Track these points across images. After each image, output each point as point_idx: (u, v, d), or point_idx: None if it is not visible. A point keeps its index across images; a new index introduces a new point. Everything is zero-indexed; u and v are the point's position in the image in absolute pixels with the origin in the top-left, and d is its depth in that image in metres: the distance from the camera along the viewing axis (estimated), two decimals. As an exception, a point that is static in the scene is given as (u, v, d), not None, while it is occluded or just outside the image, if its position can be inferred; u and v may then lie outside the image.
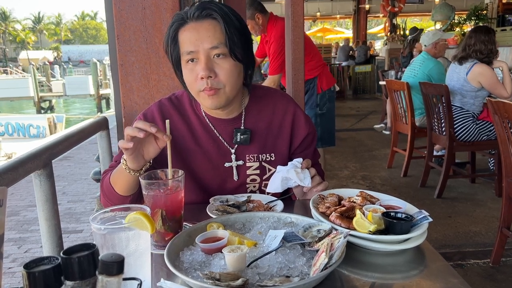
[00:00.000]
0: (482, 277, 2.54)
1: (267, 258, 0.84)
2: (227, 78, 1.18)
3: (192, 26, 1.16)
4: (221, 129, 1.33)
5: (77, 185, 5.37)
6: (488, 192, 3.95)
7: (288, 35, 2.15)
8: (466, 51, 3.68)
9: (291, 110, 1.38)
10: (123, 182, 1.16)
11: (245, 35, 1.21)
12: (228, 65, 1.18)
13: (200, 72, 1.16)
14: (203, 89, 1.18)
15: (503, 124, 2.45)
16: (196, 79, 1.18)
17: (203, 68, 1.15)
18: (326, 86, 3.43)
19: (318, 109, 3.40)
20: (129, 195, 1.19)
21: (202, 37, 1.15)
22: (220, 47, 1.16)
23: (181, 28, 1.18)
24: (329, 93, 3.45)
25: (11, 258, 3.43)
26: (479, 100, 3.69)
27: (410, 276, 0.88)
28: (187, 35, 1.17)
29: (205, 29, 1.15)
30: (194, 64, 1.18)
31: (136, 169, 1.11)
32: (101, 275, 0.52)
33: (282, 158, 1.36)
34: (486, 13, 10.73)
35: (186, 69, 1.20)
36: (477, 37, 3.61)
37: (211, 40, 1.15)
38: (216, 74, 1.17)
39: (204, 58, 1.16)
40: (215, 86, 1.18)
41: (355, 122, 7.86)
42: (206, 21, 1.16)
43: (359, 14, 16.49)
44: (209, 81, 1.17)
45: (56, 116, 12.95)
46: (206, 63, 1.16)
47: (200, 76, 1.17)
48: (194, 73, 1.18)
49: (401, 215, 0.96)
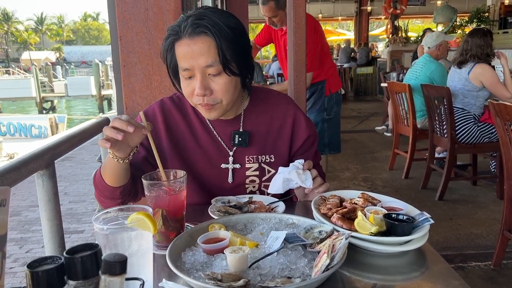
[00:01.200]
0: (483, 279, 2.53)
1: (269, 259, 0.85)
2: (223, 93, 1.19)
3: (186, 43, 1.15)
4: (220, 130, 1.34)
5: (79, 186, 5.37)
6: (489, 194, 3.94)
7: (290, 37, 2.16)
8: (464, 56, 3.70)
9: (291, 112, 1.38)
10: (112, 172, 1.16)
11: (240, 46, 1.19)
12: (223, 82, 1.18)
13: (196, 90, 1.17)
14: (199, 103, 1.20)
15: (504, 126, 2.45)
16: (193, 93, 1.19)
17: (198, 87, 1.16)
18: (334, 88, 3.32)
19: (325, 114, 3.28)
20: (119, 186, 1.19)
21: (196, 55, 1.14)
22: (215, 65, 1.15)
23: (176, 42, 1.18)
24: (336, 96, 3.34)
25: (13, 258, 3.44)
26: (480, 100, 3.69)
27: (411, 278, 0.88)
28: (182, 50, 1.16)
29: (199, 47, 1.13)
30: (191, 80, 1.19)
31: (124, 156, 1.11)
32: (104, 275, 0.52)
33: (282, 160, 1.37)
34: (488, 15, 10.73)
35: (184, 83, 1.21)
36: (473, 42, 3.64)
37: (205, 58, 1.14)
38: (212, 91, 1.18)
39: (200, 76, 1.16)
40: (211, 102, 1.19)
41: (356, 124, 7.85)
42: (199, 38, 1.13)
43: (361, 16, 16.48)
44: (205, 98, 1.18)
45: (58, 116, 12.99)
46: (201, 81, 1.16)
47: (195, 93, 1.18)
48: (191, 87, 1.19)
49: (403, 217, 0.96)
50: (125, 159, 1.12)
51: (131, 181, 1.22)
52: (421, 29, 9.99)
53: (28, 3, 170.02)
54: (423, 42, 4.62)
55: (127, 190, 1.21)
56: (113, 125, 1.04)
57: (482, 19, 10.66)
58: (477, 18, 10.71)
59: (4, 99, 21.21)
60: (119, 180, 1.18)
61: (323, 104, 3.28)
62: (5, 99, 21.34)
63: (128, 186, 1.21)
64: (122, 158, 1.11)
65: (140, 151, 1.28)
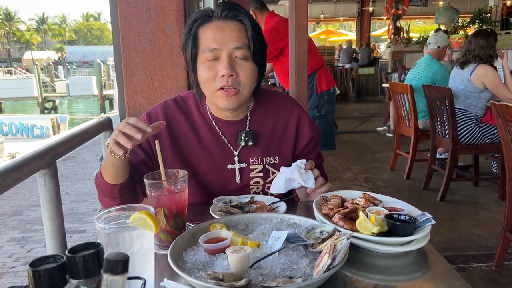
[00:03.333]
0: (485, 280, 2.53)
1: (270, 259, 0.85)
2: (247, 79, 1.21)
3: (218, 25, 1.19)
4: (226, 131, 1.33)
5: (80, 185, 5.38)
6: (491, 195, 3.94)
7: (291, 37, 2.16)
8: (466, 56, 3.70)
9: (296, 113, 1.38)
10: (110, 169, 1.15)
11: (263, 42, 1.25)
12: (249, 67, 1.21)
13: (222, 70, 1.17)
14: (221, 87, 1.19)
15: (506, 127, 2.45)
16: (214, 76, 1.19)
17: (226, 66, 1.17)
18: (326, 87, 3.38)
19: (316, 111, 3.35)
20: (117, 184, 1.18)
21: (228, 36, 1.17)
22: (244, 49, 1.19)
23: (205, 25, 1.20)
24: (328, 94, 3.40)
25: (14, 258, 3.44)
26: (482, 102, 3.68)
27: (412, 278, 0.88)
28: (211, 33, 1.19)
29: (231, 29, 1.18)
30: (215, 62, 1.19)
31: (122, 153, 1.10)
32: (106, 273, 0.52)
33: (286, 161, 1.36)
34: (490, 16, 10.72)
35: (205, 66, 1.21)
36: (476, 42, 3.64)
37: (236, 40, 1.18)
38: (237, 74, 1.19)
39: (227, 57, 1.18)
40: (235, 85, 1.19)
41: (358, 125, 7.85)
42: (232, 22, 1.19)
43: (363, 17, 16.47)
44: (230, 79, 1.18)
45: (60, 116, 13.01)
46: (229, 61, 1.18)
47: (221, 74, 1.18)
48: (213, 70, 1.19)
49: (404, 217, 0.96)
50: (124, 154, 1.10)
51: (129, 180, 1.21)
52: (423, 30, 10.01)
53: (30, 3, 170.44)
54: (430, 39, 4.56)
55: (125, 188, 1.20)
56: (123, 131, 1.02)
57: (484, 20, 10.64)
58: (479, 19, 10.69)
59: (6, 98, 21.25)
60: (117, 177, 1.17)
61: (314, 101, 3.36)
62: (7, 99, 21.39)
63: (126, 185, 1.20)
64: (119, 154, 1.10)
65: (140, 154, 1.28)
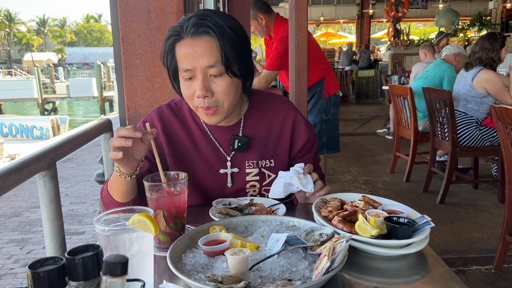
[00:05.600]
0: (484, 283, 2.53)
1: (269, 261, 0.85)
2: (224, 96, 1.18)
3: (188, 43, 1.14)
4: (219, 136, 1.33)
5: (80, 187, 5.38)
6: (491, 198, 3.94)
7: (292, 40, 2.16)
8: (471, 58, 3.69)
9: (291, 115, 1.37)
10: (120, 188, 1.14)
11: (242, 48, 1.18)
12: (225, 83, 1.16)
13: (197, 91, 1.15)
14: (201, 106, 1.19)
15: (506, 130, 2.45)
16: (193, 95, 1.18)
17: (200, 88, 1.14)
18: (333, 90, 3.39)
19: (324, 115, 3.35)
20: (128, 202, 1.17)
21: (198, 55, 1.13)
22: (217, 66, 1.14)
23: (178, 43, 1.17)
24: (334, 98, 3.41)
25: (13, 259, 3.44)
26: (484, 106, 3.67)
27: (412, 281, 0.88)
28: (183, 51, 1.15)
29: (201, 47, 1.13)
30: (192, 81, 1.17)
31: (130, 172, 1.10)
32: (105, 275, 0.52)
33: (282, 164, 1.36)
34: (490, 19, 10.74)
35: (184, 85, 1.20)
36: (481, 44, 3.63)
37: (208, 58, 1.13)
38: (213, 93, 1.17)
39: (201, 76, 1.15)
40: (212, 105, 1.17)
41: (358, 127, 7.85)
42: (202, 38, 1.13)
43: (363, 19, 16.51)
44: (206, 100, 1.16)
45: (60, 117, 13.01)
46: (203, 82, 1.15)
47: (196, 95, 1.17)
48: (191, 89, 1.18)
49: (404, 220, 0.96)
50: (131, 174, 1.10)
51: (139, 194, 1.20)
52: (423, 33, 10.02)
53: (31, 4, 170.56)
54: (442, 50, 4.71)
55: (136, 203, 1.19)
56: (119, 135, 1.01)
57: (484, 22, 10.67)
58: (479, 22, 10.71)
59: (6, 100, 21.26)
60: (127, 196, 1.16)
61: (322, 105, 3.36)
62: (7, 100, 21.40)
63: (137, 200, 1.19)
64: (128, 174, 1.09)
65: (144, 164, 1.28)
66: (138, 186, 1.19)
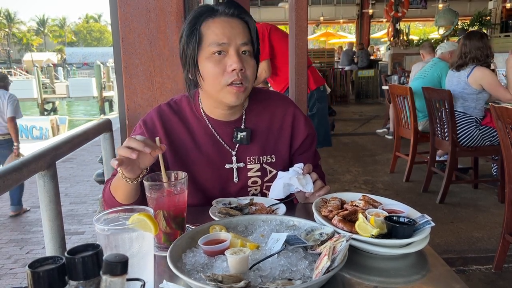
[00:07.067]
0: (484, 283, 2.53)
1: (270, 261, 0.85)
2: (252, 74, 1.24)
3: (225, 20, 1.20)
4: (222, 131, 1.33)
5: (80, 187, 5.38)
6: (491, 198, 3.94)
7: (292, 40, 2.16)
8: (463, 59, 3.71)
9: (290, 111, 1.38)
10: (122, 191, 1.15)
11: (257, 39, 1.28)
12: (252, 63, 1.24)
13: (233, 64, 1.18)
14: (231, 82, 1.19)
15: (506, 129, 2.45)
16: (223, 71, 1.19)
17: (236, 61, 1.18)
18: (314, 85, 3.37)
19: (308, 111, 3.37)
20: (131, 204, 1.17)
21: (236, 32, 1.19)
22: (249, 45, 1.22)
23: (209, 20, 1.20)
24: (317, 93, 3.39)
25: (13, 259, 3.44)
26: (480, 103, 3.68)
27: (412, 280, 0.88)
28: (218, 27, 1.19)
29: (237, 25, 1.21)
30: (222, 57, 1.19)
31: (133, 178, 1.09)
32: (105, 275, 0.52)
33: (283, 160, 1.37)
34: (489, 18, 10.74)
35: (211, 61, 1.20)
36: (472, 44, 3.65)
37: (242, 36, 1.20)
38: (245, 69, 1.21)
39: (235, 52, 1.19)
40: (243, 80, 1.20)
41: (357, 127, 7.85)
42: (236, 20, 1.22)
43: (363, 19, 16.52)
44: (240, 73, 1.19)
45: (59, 118, 13.00)
46: (239, 56, 1.19)
47: (232, 68, 1.18)
48: (221, 65, 1.19)
49: (404, 219, 0.96)
50: (134, 180, 1.10)
51: (141, 195, 1.19)
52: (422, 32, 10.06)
53: (31, 4, 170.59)
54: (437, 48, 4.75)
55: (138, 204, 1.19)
56: (128, 145, 1.01)
57: (484, 22, 10.67)
58: (479, 22, 10.71)
59: (6, 100, 21.17)
60: (130, 198, 1.17)
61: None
62: (6, 100, 21.31)
63: (139, 202, 1.19)
64: (130, 179, 1.09)
65: None
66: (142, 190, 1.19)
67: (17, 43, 67.32)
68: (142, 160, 1.07)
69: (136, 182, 1.10)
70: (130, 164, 1.05)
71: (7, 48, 63.13)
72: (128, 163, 1.04)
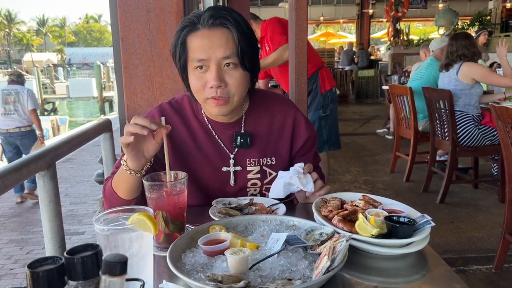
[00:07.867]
0: (484, 283, 2.53)
1: (269, 261, 0.84)
2: (237, 87, 1.19)
3: (204, 34, 1.15)
4: (221, 133, 1.33)
5: (80, 187, 5.38)
6: (491, 197, 3.94)
7: (292, 40, 2.16)
8: (450, 58, 3.76)
9: (291, 113, 1.38)
10: (125, 185, 1.15)
11: (253, 43, 1.21)
12: (238, 75, 1.18)
13: (211, 81, 1.15)
14: (211, 97, 1.18)
15: (506, 129, 2.45)
16: (204, 86, 1.18)
17: (214, 78, 1.15)
18: (329, 86, 3.42)
19: (321, 112, 3.37)
20: (132, 199, 1.18)
21: (215, 45, 1.14)
22: (232, 58, 1.15)
23: (192, 33, 1.17)
24: (331, 94, 3.43)
25: (13, 259, 3.44)
26: (474, 98, 3.69)
27: (412, 280, 0.88)
28: (198, 41, 1.16)
29: (218, 38, 1.14)
30: (203, 72, 1.17)
31: (137, 169, 1.11)
32: (104, 275, 0.52)
33: (283, 162, 1.36)
34: (489, 18, 10.74)
35: (194, 76, 1.19)
36: (458, 43, 3.72)
37: (224, 49, 1.14)
38: (226, 84, 1.17)
39: (215, 67, 1.15)
40: (224, 96, 1.18)
41: (358, 127, 7.85)
42: (219, 30, 1.15)
43: (363, 19, 16.50)
44: (219, 90, 1.16)
45: (60, 118, 12.98)
46: (217, 72, 1.15)
47: (210, 85, 1.16)
48: (202, 80, 1.18)
49: (404, 219, 0.96)
50: (138, 172, 1.11)
51: (141, 196, 1.20)
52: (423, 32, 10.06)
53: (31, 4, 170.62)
54: (429, 46, 4.76)
55: (139, 201, 1.20)
56: (136, 122, 1.02)
57: (484, 22, 10.67)
58: (479, 21, 10.71)
59: (6, 100, 21.17)
60: (132, 193, 1.17)
61: (319, 102, 3.39)
62: (6, 100, 21.31)
63: (138, 202, 1.20)
64: (134, 171, 1.10)
65: None
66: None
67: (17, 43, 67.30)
68: (146, 146, 1.09)
69: (139, 174, 1.12)
70: (136, 148, 1.07)
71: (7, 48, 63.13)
72: (134, 145, 1.06)
